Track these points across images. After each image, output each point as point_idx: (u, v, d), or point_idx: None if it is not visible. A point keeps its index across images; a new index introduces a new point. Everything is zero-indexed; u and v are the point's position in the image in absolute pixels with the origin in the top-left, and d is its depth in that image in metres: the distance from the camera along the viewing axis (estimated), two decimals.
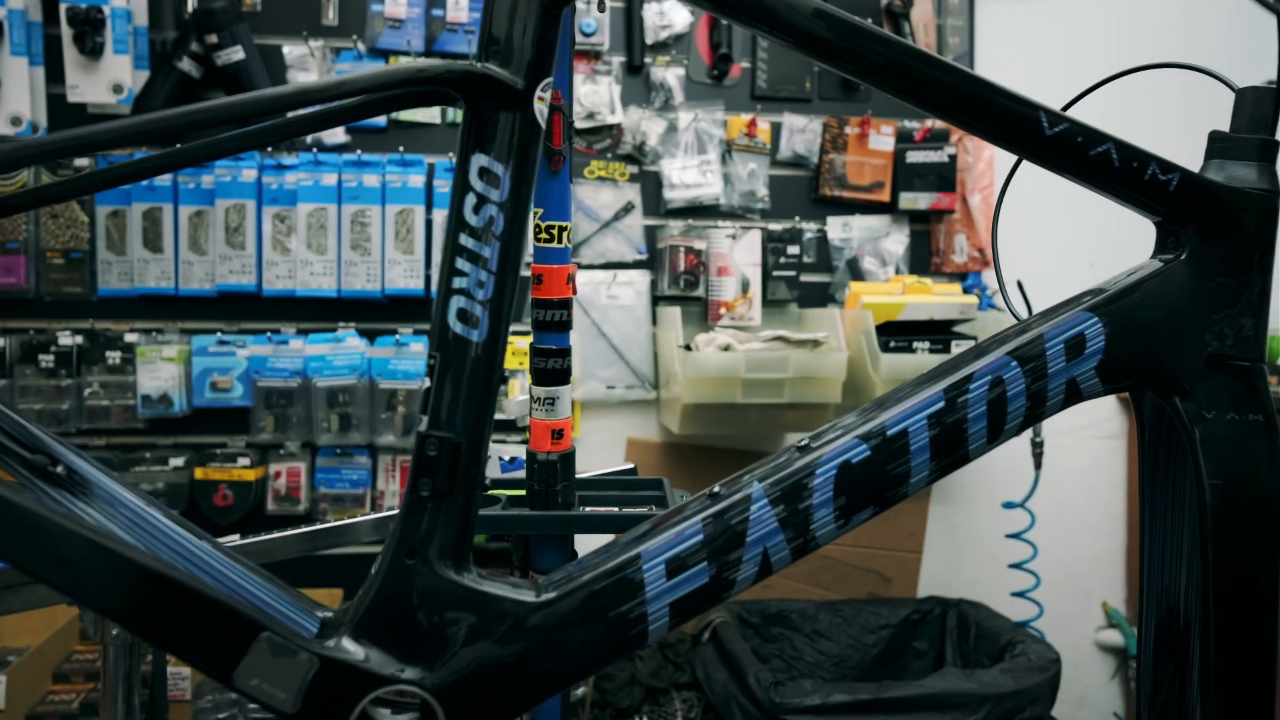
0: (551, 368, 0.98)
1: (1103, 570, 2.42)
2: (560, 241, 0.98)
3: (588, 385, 2.10)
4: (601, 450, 2.15)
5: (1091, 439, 2.40)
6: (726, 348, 1.85)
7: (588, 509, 1.00)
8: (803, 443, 0.69)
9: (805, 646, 2.17)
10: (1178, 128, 1.99)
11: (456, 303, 0.62)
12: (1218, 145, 0.76)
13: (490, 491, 1.04)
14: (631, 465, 1.56)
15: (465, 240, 0.62)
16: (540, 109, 0.64)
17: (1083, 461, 2.41)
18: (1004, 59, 2.32)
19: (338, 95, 0.61)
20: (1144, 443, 0.80)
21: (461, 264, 0.62)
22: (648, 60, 2.12)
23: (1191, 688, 0.77)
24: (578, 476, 1.21)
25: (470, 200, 0.62)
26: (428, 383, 0.63)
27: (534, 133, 0.64)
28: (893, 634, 2.19)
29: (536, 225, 0.97)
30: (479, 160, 0.62)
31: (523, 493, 0.99)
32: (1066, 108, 0.86)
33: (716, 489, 0.68)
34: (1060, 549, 2.40)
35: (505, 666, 0.62)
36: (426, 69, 0.62)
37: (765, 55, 2.17)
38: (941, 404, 0.68)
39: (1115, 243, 2.40)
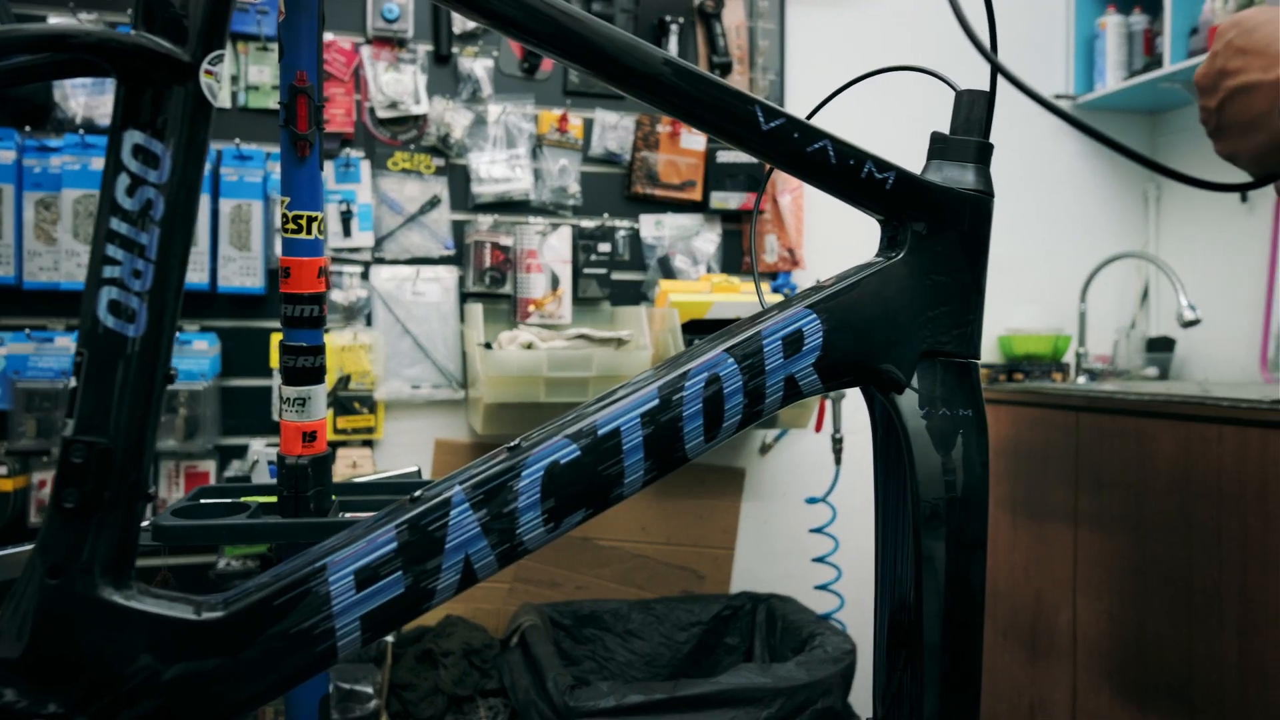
0: (302, 366, 0.92)
1: None
2: (310, 233, 0.92)
3: (392, 384, 2.02)
4: (408, 452, 2.08)
5: None
6: (529, 346, 1.81)
7: (347, 515, 0.95)
8: (514, 443, 0.66)
9: (617, 647, 2.16)
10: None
11: (108, 294, 0.56)
12: (937, 146, 0.77)
13: (242, 499, 0.97)
14: (416, 468, 1.51)
15: (118, 225, 0.56)
16: (209, 84, 0.58)
17: None
18: (814, 62, 2.38)
19: None
20: (876, 439, 0.81)
21: (113, 251, 0.56)
22: (455, 50, 2.06)
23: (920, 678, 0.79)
24: (358, 480, 1.14)
25: (123, 181, 0.56)
26: (74, 382, 0.56)
27: (202, 110, 0.58)
28: (704, 631, 2.21)
29: (284, 215, 0.91)
30: (133, 138, 0.56)
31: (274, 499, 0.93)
32: (815, 111, 0.87)
33: (419, 493, 0.64)
34: (863, 541, 2.48)
35: (165, 694, 0.56)
36: (72, 35, 0.55)
37: None
38: (655, 402, 0.67)
39: None
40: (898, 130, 2.12)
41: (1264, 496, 1.49)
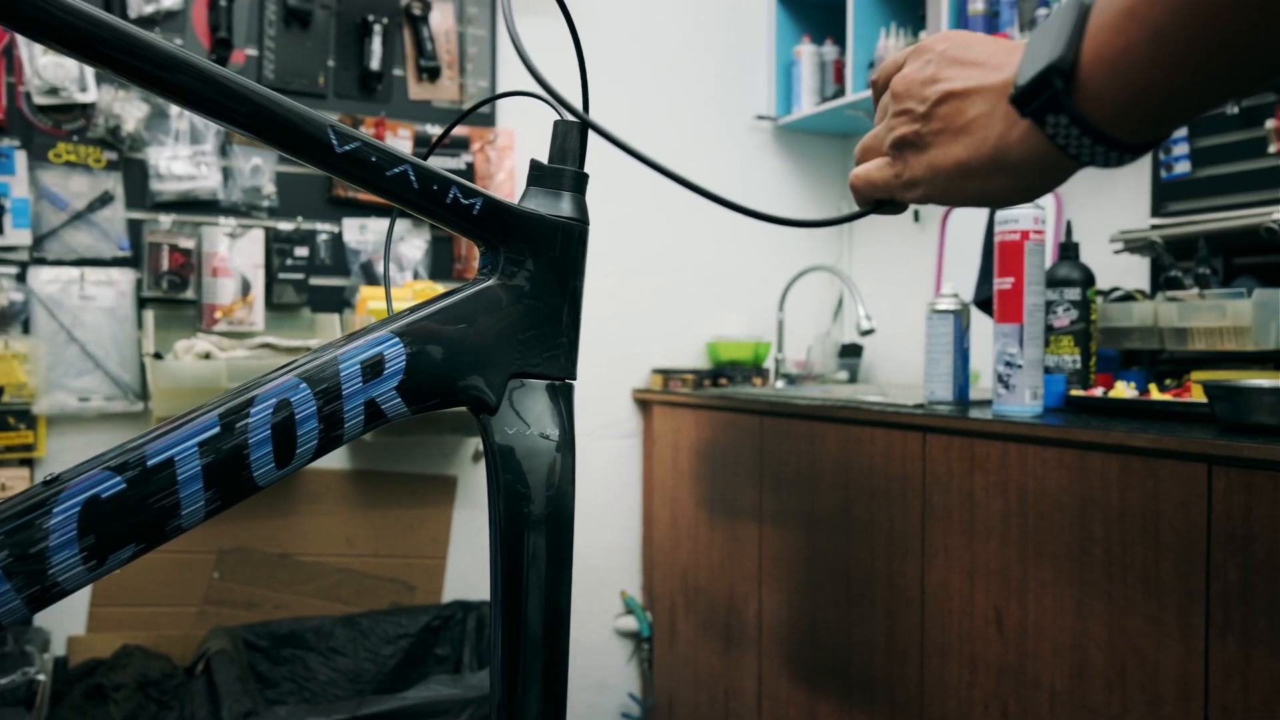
0: None
1: (621, 561, 2.60)
2: None
3: (55, 397, 1.85)
4: None
5: (609, 439, 2.56)
6: (206, 356, 1.71)
7: None
8: (53, 475, 0.62)
9: (320, 665, 2.09)
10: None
11: None
12: (534, 174, 0.79)
13: None
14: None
15: None
16: None
17: (602, 460, 2.56)
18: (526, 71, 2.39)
19: None
20: (486, 457, 0.82)
21: None
22: None
23: None
24: None
25: None
26: None
27: None
28: (412, 643, 2.17)
29: None
30: None
31: None
32: (433, 147, 0.87)
33: None
34: (583, 543, 2.53)
35: None
36: None
37: (273, 44, 2.05)
38: (216, 430, 0.64)
39: (629, 256, 2.60)
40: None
41: (904, 492, 1.65)
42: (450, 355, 0.73)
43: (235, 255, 1.95)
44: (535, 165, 0.80)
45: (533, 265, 0.76)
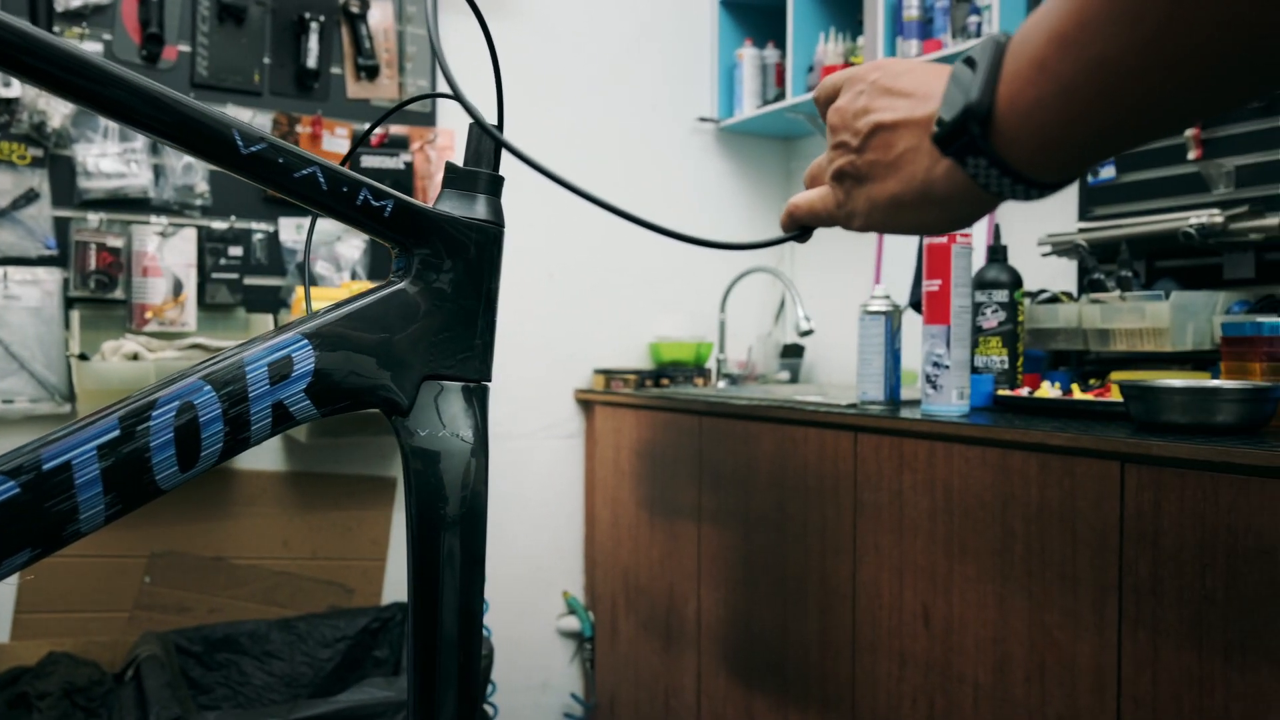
0: None
1: (563, 561, 2.60)
2: None
3: None
4: None
5: (552, 439, 2.56)
6: (135, 356, 1.69)
7: None
8: None
9: (255, 670, 2.06)
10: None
11: None
12: (450, 176, 0.79)
13: None
14: None
15: None
16: None
17: (544, 460, 2.56)
18: (469, 69, 2.38)
19: None
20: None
21: None
22: (57, 30, 1.87)
23: None
24: None
25: None
26: None
27: None
28: (350, 645, 2.15)
29: None
30: None
31: None
32: (345, 159, 0.87)
33: None
34: (525, 543, 2.53)
35: None
36: None
37: (207, 41, 2.02)
38: (116, 433, 0.64)
39: (571, 256, 2.60)
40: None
41: (836, 491, 1.68)
42: (360, 357, 0.73)
43: (167, 254, 1.92)
44: (450, 168, 0.80)
45: (446, 267, 0.77)
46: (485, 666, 1.84)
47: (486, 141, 0.81)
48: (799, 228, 0.74)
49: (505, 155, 0.79)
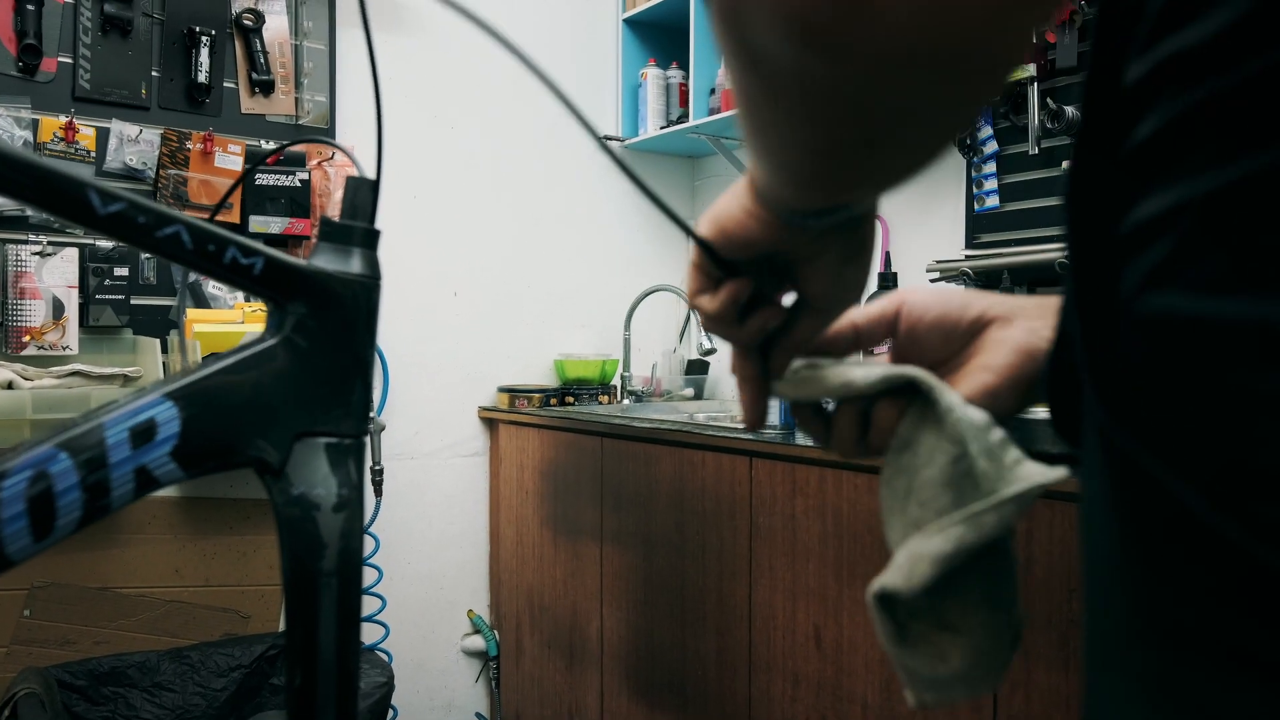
0: None
1: (468, 580, 2.58)
2: None
3: None
4: None
5: (456, 458, 2.54)
6: (9, 385, 1.62)
7: None
8: None
9: (144, 703, 1.99)
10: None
11: None
12: (325, 230, 0.79)
13: None
14: None
15: None
16: None
17: (449, 479, 2.54)
18: (369, 86, 2.35)
19: None
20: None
21: None
22: None
23: None
24: None
25: None
26: None
27: None
28: (246, 674, 2.10)
29: None
30: None
31: None
32: (214, 211, 0.85)
33: None
34: (428, 563, 2.51)
35: None
36: None
37: (89, 53, 1.95)
38: None
39: (475, 274, 2.58)
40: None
41: (733, 513, 1.71)
42: (229, 417, 0.72)
43: (46, 275, 1.85)
44: (325, 222, 0.79)
45: (319, 323, 0.76)
46: (384, 695, 1.82)
47: (364, 193, 0.80)
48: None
49: (386, 206, 0.79)
